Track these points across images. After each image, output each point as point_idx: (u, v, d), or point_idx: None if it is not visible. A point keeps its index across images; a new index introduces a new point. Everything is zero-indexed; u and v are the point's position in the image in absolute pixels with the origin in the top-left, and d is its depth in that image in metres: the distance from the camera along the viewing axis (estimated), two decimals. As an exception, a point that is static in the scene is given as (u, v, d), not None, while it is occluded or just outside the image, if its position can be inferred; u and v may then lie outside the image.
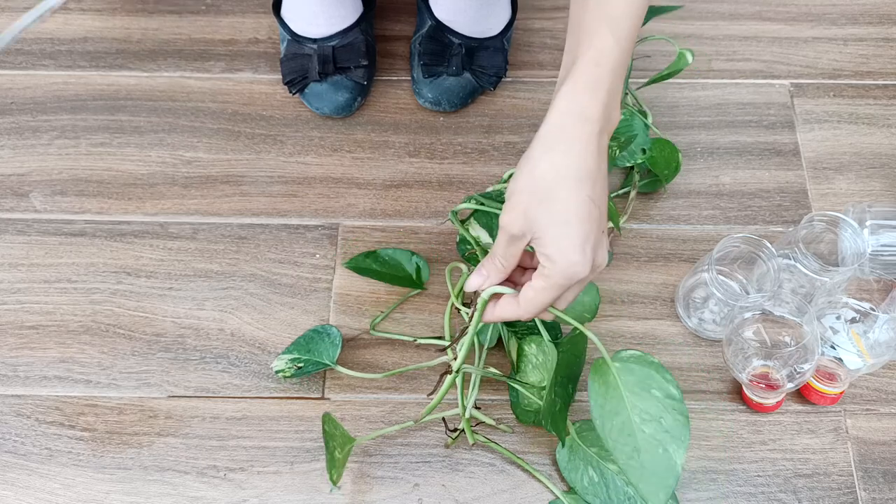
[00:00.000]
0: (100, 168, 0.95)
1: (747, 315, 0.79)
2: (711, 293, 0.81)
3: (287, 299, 0.87)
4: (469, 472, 0.78)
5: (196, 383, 0.83)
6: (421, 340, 0.83)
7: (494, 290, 0.64)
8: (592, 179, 0.58)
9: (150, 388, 0.82)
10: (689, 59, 0.87)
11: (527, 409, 0.79)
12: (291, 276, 0.88)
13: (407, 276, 0.86)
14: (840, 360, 0.79)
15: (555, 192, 0.58)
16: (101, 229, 0.91)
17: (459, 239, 0.88)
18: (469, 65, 0.97)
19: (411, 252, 0.87)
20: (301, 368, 0.80)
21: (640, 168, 0.91)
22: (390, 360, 0.83)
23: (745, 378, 0.78)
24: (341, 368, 0.81)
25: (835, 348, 0.79)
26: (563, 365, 0.70)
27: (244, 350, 0.84)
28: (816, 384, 0.79)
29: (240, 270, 0.88)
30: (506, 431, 0.79)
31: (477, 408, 0.79)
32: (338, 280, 0.88)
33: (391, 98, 1.00)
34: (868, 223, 0.86)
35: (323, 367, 0.80)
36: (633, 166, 0.92)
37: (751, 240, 0.81)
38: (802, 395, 0.81)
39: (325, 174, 0.95)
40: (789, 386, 0.78)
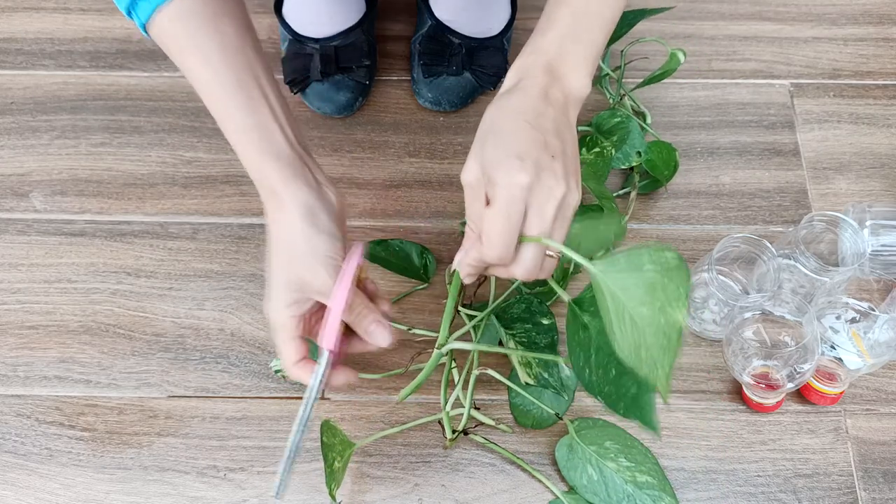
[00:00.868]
0: (100, 168, 0.95)
1: (747, 315, 0.79)
2: (711, 293, 0.81)
3: (287, 299, 0.87)
4: (469, 472, 0.78)
5: (196, 383, 0.83)
6: (415, 331, 0.83)
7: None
8: (535, 113, 0.59)
9: (150, 388, 0.82)
10: (681, 58, 0.87)
11: (526, 411, 0.79)
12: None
13: (414, 268, 0.87)
14: (840, 360, 0.79)
15: (497, 124, 0.60)
16: (101, 229, 0.91)
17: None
18: (469, 65, 0.97)
19: (422, 246, 0.87)
20: None
21: (639, 169, 0.91)
22: (390, 361, 0.84)
23: (745, 378, 0.78)
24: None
25: (835, 348, 0.79)
26: (605, 333, 0.59)
27: (244, 350, 0.84)
28: (816, 384, 0.79)
29: (240, 270, 0.88)
30: (505, 431, 0.80)
31: (476, 408, 0.79)
32: (338, 280, 0.88)
33: (391, 98, 1.00)
34: (868, 223, 0.86)
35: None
36: (632, 168, 0.92)
37: (751, 240, 0.81)
38: (802, 395, 0.81)
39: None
40: (789, 386, 0.78)
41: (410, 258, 0.87)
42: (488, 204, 0.58)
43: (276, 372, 0.81)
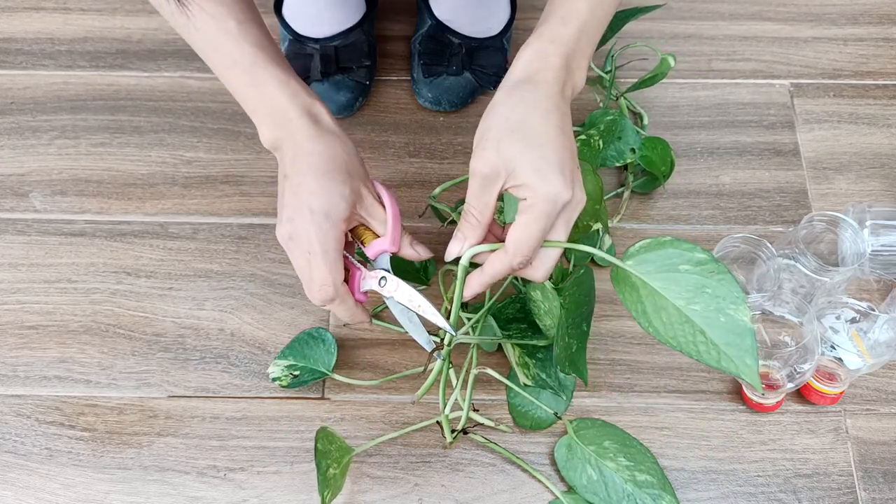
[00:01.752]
0: (100, 168, 0.95)
1: (747, 315, 0.79)
2: (711, 293, 0.81)
3: (287, 299, 0.87)
4: (469, 472, 0.78)
5: (196, 383, 0.83)
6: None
7: (475, 250, 0.62)
8: (561, 114, 0.59)
9: (150, 388, 0.82)
10: (671, 63, 0.88)
11: (524, 412, 0.79)
12: (291, 276, 0.88)
13: (414, 270, 0.86)
14: (840, 360, 0.79)
15: (526, 121, 0.59)
16: (101, 229, 0.91)
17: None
18: (469, 64, 0.97)
19: None
20: (297, 377, 0.80)
21: (633, 168, 0.91)
22: (390, 361, 0.84)
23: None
24: (338, 376, 0.81)
25: (835, 348, 0.79)
26: (572, 307, 0.68)
27: (244, 350, 0.84)
28: (816, 384, 0.79)
29: (240, 270, 0.88)
30: (505, 432, 0.79)
31: (475, 409, 0.79)
32: (338, 280, 0.88)
33: (391, 98, 1.00)
34: (868, 223, 0.86)
35: (320, 377, 0.81)
36: (626, 166, 0.92)
37: (751, 240, 0.81)
38: (802, 395, 0.81)
39: (325, 174, 0.95)
40: (789, 386, 0.78)
41: (410, 261, 0.87)
42: (498, 197, 0.60)
43: (274, 380, 0.81)
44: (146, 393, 0.82)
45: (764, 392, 0.78)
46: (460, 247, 0.62)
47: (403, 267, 0.86)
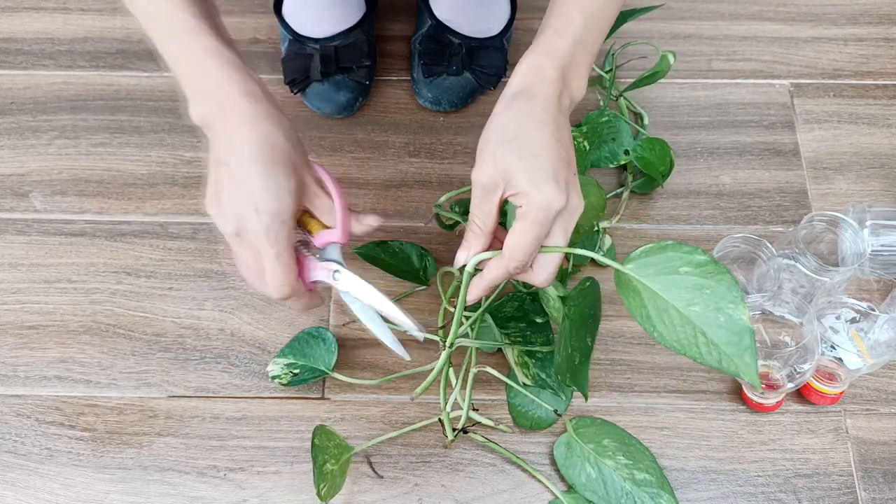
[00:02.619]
0: (100, 168, 0.95)
1: (747, 315, 0.79)
2: (711, 293, 0.81)
3: (287, 299, 0.87)
4: (469, 472, 0.78)
5: (196, 383, 0.83)
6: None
7: (480, 258, 0.63)
8: (556, 125, 0.61)
9: (150, 388, 0.82)
10: (671, 61, 0.88)
11: (524, 412, 0.79)
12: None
13: (414, 270, 0.86)
14: (840, 360, 0.79)
15: (521, 132, 0.60)
16: (101, 229, 0.91)
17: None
18: (469, 64, 0.97)
19: (422, 248, 0.87)
20: (297, 376, 0.80)
21: (632, 169, 0.91)
22: (390, 360, 0.84)
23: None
24: (338, 375, 0.81)
25: (835, 348, 0.79)
26: (576, 318, 0.69)
27: (244, 350, 0.84)
28: (816, 384, 0.79)
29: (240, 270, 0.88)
30: (505, 431, 0.79)
31: (475, 409, 0.79)
32: (338, 280, 0.88)
33: (391, 98, 1.00)
34: (868, 223, 0.86)
35: (320, 375, 0.81)
36: (625, 167, 0.92)
37: (751, 240, 0.81)
38: (802, 395, 0.81)
39: (325, 174, 0.95)
40: (789, 386, 0.78)
41: (410, 260, 0.87)
42: (499, 206, 0.61)
43: (273, 378, 0.81)
44: (146, 393, 0.82)
45: (764, 392, 0.78)
46: (466, 255, 0.64)
47: (403, 267, 0.87)
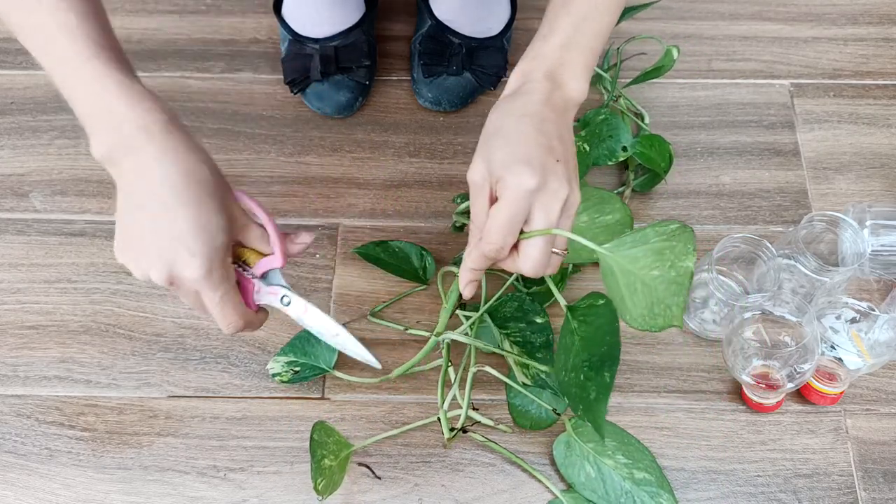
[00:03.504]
0: (100, 168, 0.93)
1: (747, 315, 0.79)
2: (711, 293, 0.81)
3: (287, 299, 0.87)
4: (469, 472, 0.78)
5: (196, 383, 0.83)
6: (411, 330, 0.83)
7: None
8: (540, 118, 0.62)
9: (150, 388, 0.82)
10: (675, 55, 0.88)
11: (524, 411, 0.79)
12: (291, 275, 0.88)
13: (413, 269, 0.86)
14: (840, 360, 0.79)
15: (503, 125, 0.62)
16: (101, 229, 0.91)
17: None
18: (469, 64, 0.97)
19: (422, 248, 0.87)
20: (298, 373, 0.80)
21: (634, 167, 0.91)
22: (389, 360, 0.83)
23: (745, 378, 0.78)
24: (339, 374, 0.81)
25: (835, 348, 0.79)
26: (588, 340, 0.64)
27: (244, 350, 0.84)
28: (816, 384, 0.79)
29: (240, 270, 0.88)
30: (505, 431, 0.79)
31: (475, 408, 0.79)
32: (338, 280, 0.88)
33: (391, 98, 1.00)
34: (868, 223, 0.86)
35: (320, 373, 0.80)
36: (627, 165, 0.92)
37: (751, 240, 0.81)
38: (802, 395, 0.81)
39: (325, 174, 0.95)
40: (789, 386, 0.78)
41: (410, 260, 0.87)
42: (493, 202, 0.61)
43: (274, 376, 0.81)
44: (146, 393, 0.82)
45: (764, 391, 0.78)
46: (469, 251, 0.65)
47: (403, 267, 0.87)
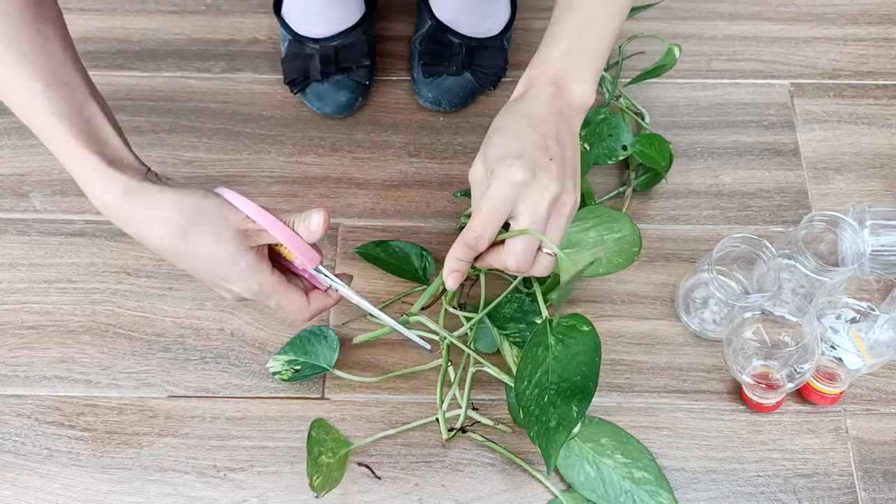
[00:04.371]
0: (100, 168, 0.95)
1: (747, 315, 0.79)
2: (711, 293, 0.81)
3: (287, 299, 0.87)
4: (469, 472, 0.78)
5: (196, 383, 0.83)
6: (408, 330, 0.83)
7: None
8: (539, 119, 0.63)
9: (150, 388, 0.82)
10: (677, 54, 0.88)
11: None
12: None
13: (413, 269, 0.86)
14: (840, 360, 0.79)
15: (502, 126, 0.64)
16: (101, 229, 0.91)
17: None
18: (469, 64, 0.97)
19: (422, 248, 0.87)
20: (298, 372, 0.80)
21: (635, 166, 0.91)
22: (390, 360, 0.84)
23: (745, 378, 0.78)
24: (339, 373, 0.81)
25: (835, 348, 0.79)
26: (562, 363, 0.64)
27: (244, 350, 0.84)
28: (816, 384, 0.79)
29: (240, 270, 0.88)
30: (505, 431, 0.79)
31: (475, 408, 0.79)
32: (338, 280, 0.88)
33: (391, 98, 1.00)
34: (868, 223, 0.86)
35: (321, 372, 0.80)
36: (627, 165, 0.92)
37: (751, 240, 0.81)
38: (802, 395, 0.81)
39: (325, 174, 0.95)
40: (789, 386, 0.78)
41: (410, 260, 0.87)
42: None
43: (274, 374, 0.81)
44: (146, 393, 0.82)
45: (764, 391, 0.78)
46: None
47: (403, 267, 0.87)
